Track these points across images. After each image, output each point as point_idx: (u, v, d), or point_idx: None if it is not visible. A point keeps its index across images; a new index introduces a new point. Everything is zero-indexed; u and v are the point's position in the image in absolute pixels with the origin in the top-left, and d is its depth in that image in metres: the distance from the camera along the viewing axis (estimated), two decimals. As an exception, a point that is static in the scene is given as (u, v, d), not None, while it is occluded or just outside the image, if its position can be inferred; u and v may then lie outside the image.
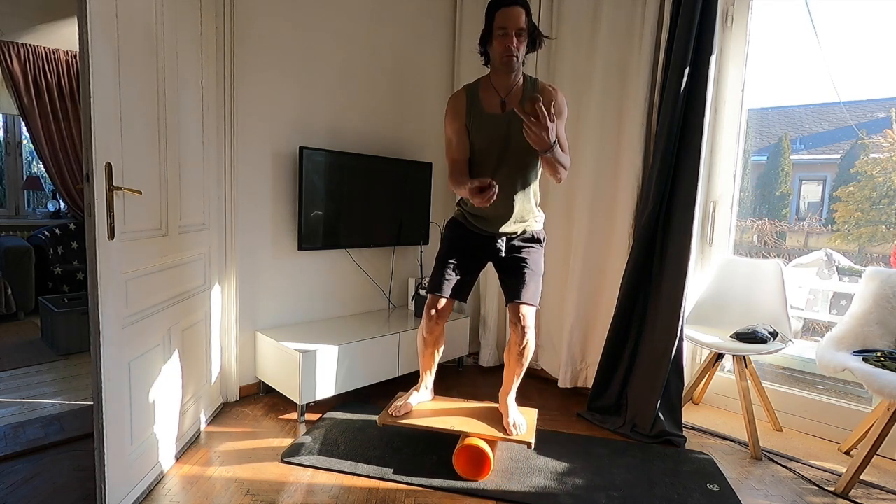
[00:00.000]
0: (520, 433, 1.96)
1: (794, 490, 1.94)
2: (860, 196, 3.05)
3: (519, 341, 1.94)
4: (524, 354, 1.96)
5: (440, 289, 1.99)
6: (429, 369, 2.18)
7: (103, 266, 1.43)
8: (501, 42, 1.78)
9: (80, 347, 3.06)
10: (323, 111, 2.69)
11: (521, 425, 1.99)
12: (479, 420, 2.04)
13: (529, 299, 1.92)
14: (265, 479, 1.85)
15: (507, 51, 1.77)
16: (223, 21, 2.24)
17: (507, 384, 2.07)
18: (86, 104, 1.36)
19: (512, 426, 1.97)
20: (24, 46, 4.01)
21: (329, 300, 2.86)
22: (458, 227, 2.04)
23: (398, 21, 2.96)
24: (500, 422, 2.02)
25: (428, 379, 2.19)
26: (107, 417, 1.47)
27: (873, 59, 2.87)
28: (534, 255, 1.97)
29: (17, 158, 4.44)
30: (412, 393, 2.17)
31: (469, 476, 1.89)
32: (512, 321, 1.95)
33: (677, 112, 2.27)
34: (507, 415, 2.02)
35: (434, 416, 2.08)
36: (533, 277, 1.94)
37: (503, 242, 1.97)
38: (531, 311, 1.93)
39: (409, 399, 2.13)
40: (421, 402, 2.18)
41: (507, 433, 1.95)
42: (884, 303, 2.16)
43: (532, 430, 2.00)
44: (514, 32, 1.76)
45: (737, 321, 2.41)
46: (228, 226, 2.38)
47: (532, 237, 1.98)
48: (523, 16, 1.77)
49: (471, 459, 1.91)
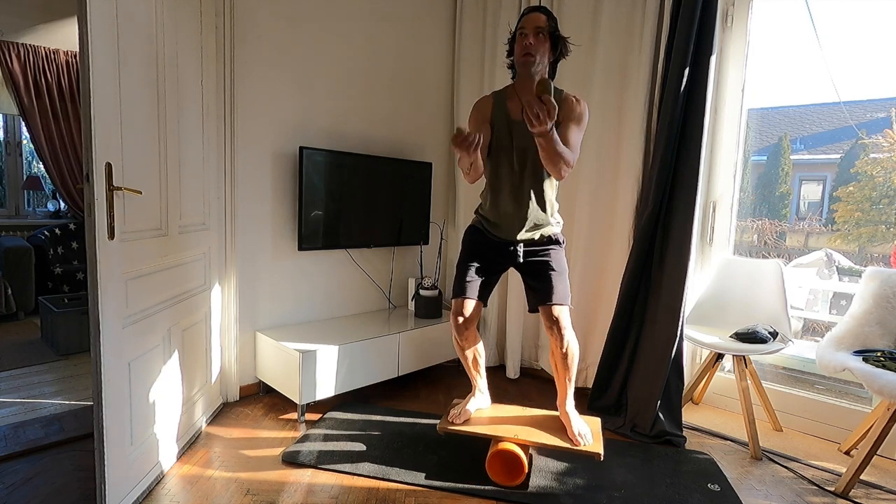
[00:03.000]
0: (586, 443, 1.89)
1: (794, 490, 1.94)
2: (860, 196, 3.05)
3: (560, 344, 1.89)
4: (568, 357, 1.91)
5: (464, 291, 1.95)
6: (477, 373, 2.12)
7: (103, 266, 1.43)
8: (520, 43, 1.81)
9: (80, 347, 3.06)
10: (323, 111, 2.69)
11: (586, 435, 1.92)
12: (540, 429, 1.96)
13: (560, 299, 1.88)
14: (265, 479, 1.85)
15: (524, 49, 1.78)
16: (223, 21, 2.24)
17: (561, 392, 2.00)
18: (86, 104, 1.36)
19: (578, 436, 1.90)
20: (24, 46, 4.01)
21: (329, 300, 2.86)
22: (476, 233, 2.03)
23: (398, 20, 2.96)
24: (562, 430, 1.95)
25: (480, 383, 2.14)
26: (107, 417, 1.47)
27: (873, 59, 2.87)
28: (555, 255, 1.94)
29: (17, 158, 4.44)
30: (469, 399, 2.10)
31: (504, 482, 1.84)
32: (546, 325, 1.91)
33: (677, 112, 2.27)
34: (571, 425, 1.94)
35: (494, 424, 2.00)
36: (559, 277, 1.91)
37: (521, 248, 1.94)
38: (564, 311, 1.89)
39: (467, 405, 2.07)
40: (479, 408, 2.12)
41: (574, 443, 1.88)
42: (884, 303, 2.16)
43: (599, 440, 1.92)
44: (531, 31, 1.78)
45: (737, 321, 2.41)
46: (228, 226, 2.38)
47: (550, 238, 1.96)
48: (543, 19, 1.80)
49: (506, 465, 1.86)
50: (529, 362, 3.08)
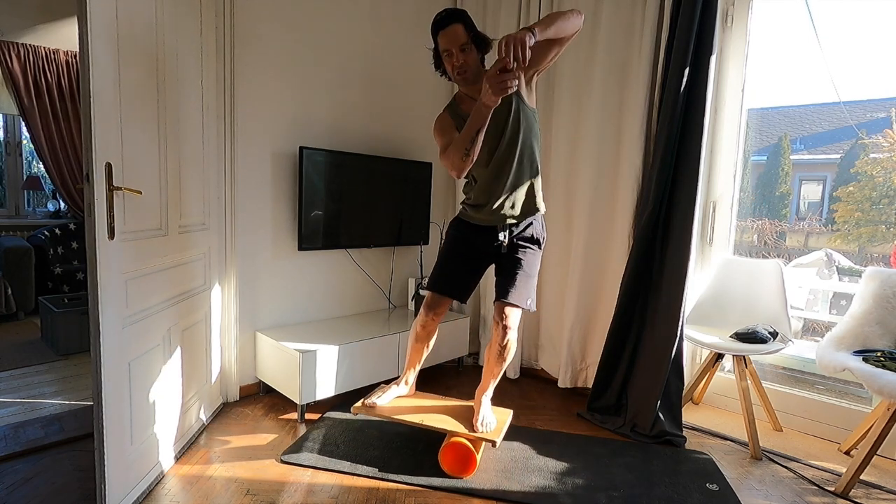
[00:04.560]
0: (487, 430, 1.96)
1: (794, 490, 1.94)
2: (860, 196, 3.06)
3: (500, 340, 1.95)
4: (504, 354, 1.97)
5: (438, 287, 2.02)
6: (413, 366, 2.20)
7: (103, 266, 1.43)
8: (449, 62, 1.85)
9: (80, 347, 3.06)
10: (323, 111, 2.69)
11: (489, 423, 1.99)
12: (452, 417, 2.04)
13: (515, 300, 1.92)
14: (265, 479, 1.85)
15: (456, 69, 1.84)
16: (223, 21, 2.24)
17: (484, 382, 2.07)
18: (86, 104, 1.36)
19: (480, 424, 1.97)
20: (24, 46, 4.01)
21: (329, 300, 2.86)
22: (459, 226, 2.05)
23: (398, 20, 2.96)
24: (471, 419, 2.02)
25: (410, 375, 2.21)
26: (107, 417, 1.47)
27: (873, 59, 2.87)
28: (530, 256, 1.97)
29: (17, 158, 4.44)
30: (392, 387, 2.19)
31: (454, 473, 1.91)
32: (495, 319, 1.96)
33: (677, 112, 2.27)
34: (478, 412, 2.02)
35: (410, 412, 2.08)
36: (524, 279, 1.94)
37: (506, 235, 1.95)
38: (516, 312, 1.94)
39: (387, 392, 2.15)
40: (399, 395, 2.19)
41: (473, 430, 1.96)
42: (884, 303, 2.16)
43: (501, 430, 2.00)
44: (456, 50, 1.81)
45: (737, 321, 2.41)
46: (228, 226, 2.38)
47: (532, 237, 1.98)
48: (461, 30, 1.80)
49: (457, 457, 1.93)
50: (529, 362, 3.08)
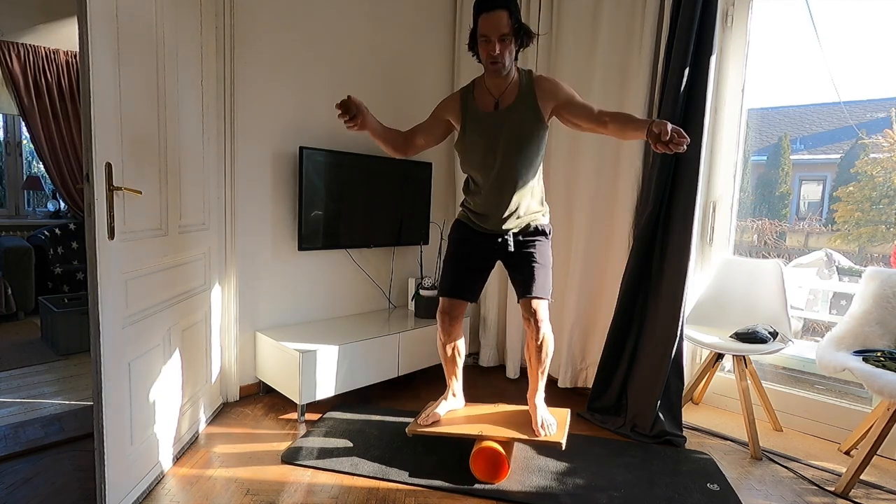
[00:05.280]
0: (550, 433, 1.90)
1: (794, 490, 1.94)
2: (860, 196, 3.05)
3: (535, 336, 1.90)
4: (543, 350, 1.92)
5: (449, 291, 1.98)
6: (453, 375, 2.13)
7: (103, 266, 1.43)
8: (485, 49, 1.75)
9: (80, 347, 3.06)
10: (323, 111, 2.69)
11: (550, 425, 1.93)
12: (507, 424, 1.97)
13: (539, 293, 1.88)
14: (265, 479, 1.85)
15: (491, 58, 1.74)
16: (223, 21, 2.24)
17: (532, 384, 2.01)
18: (86, 104, 1.36)
19: (540, 426, 1.91)
20: (24, 46, 4.01)
21: (329, 300, 2.86)
22: (461, 228, 2.03)
23: (398, 20, 2.96)
24: (529, 424, 1.96)
25: (455, 385, 2.14)
26: (107, 417, 1.47)
27: (873, 59, 2.86)
28: (540, 247, 1.94)
29: (17, 158, 4.44)
30: (440, 402, 2.11)
31: (486, 479, 1.86)
32: (524, 317, 1.92)
33: (677, 112, 2.26)
34: (536, 415, 1.95)
35: (463, 423, 2.01)
36: (541, 270, 1.91)
37: (510, 238, 1.93)
38: (543, 305, 1.90)
39: (436, 408, 2.07)
40: (451, 409, 2.12)
41: (535, 434, 1.89)
42: (884, 303, 2.16)
43: (564, 430, 1.94)
44: (496, 39, 1.70)
45: (737, 321, 2.41)
46: (228, 226, 2.38)
47: (537, 230, 1.96)
48: (505, 19, 1.68)
49: (488, 462, 1.87)
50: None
